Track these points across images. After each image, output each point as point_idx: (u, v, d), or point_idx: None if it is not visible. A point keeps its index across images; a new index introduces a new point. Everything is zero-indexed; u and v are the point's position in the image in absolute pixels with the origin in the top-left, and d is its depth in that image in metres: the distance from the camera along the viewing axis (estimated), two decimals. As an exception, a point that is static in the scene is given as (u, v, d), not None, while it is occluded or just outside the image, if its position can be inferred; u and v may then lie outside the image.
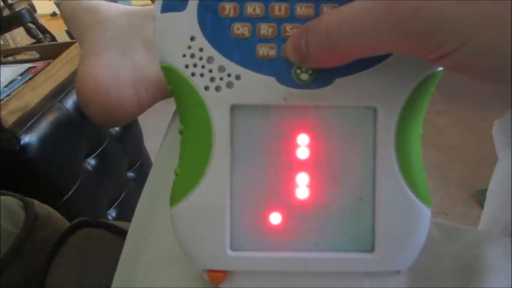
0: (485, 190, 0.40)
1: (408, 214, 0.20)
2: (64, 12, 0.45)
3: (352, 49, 0.17)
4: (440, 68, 0.19)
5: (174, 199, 0.20)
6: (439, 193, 1.22)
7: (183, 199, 0.20)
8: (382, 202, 0.20)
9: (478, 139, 1.36)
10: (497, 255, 0.26)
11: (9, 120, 0.66)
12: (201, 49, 0.19)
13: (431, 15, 0.15)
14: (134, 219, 0.30)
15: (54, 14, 2.42)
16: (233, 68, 0.19)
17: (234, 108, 0.20)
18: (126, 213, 0.86)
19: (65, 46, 0.85)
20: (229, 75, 0.19)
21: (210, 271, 0.21)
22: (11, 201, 0.44)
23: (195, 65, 0.19)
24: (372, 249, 0.21)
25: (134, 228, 0.30)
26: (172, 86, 0.20)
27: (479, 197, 1.17)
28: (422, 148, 0.21)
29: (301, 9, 0.19)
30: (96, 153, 0.81)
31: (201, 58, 0.19)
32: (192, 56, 0.19)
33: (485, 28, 0.15)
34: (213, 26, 0.19)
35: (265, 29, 0.19)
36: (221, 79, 0.19)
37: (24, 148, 0.65)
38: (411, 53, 0.17)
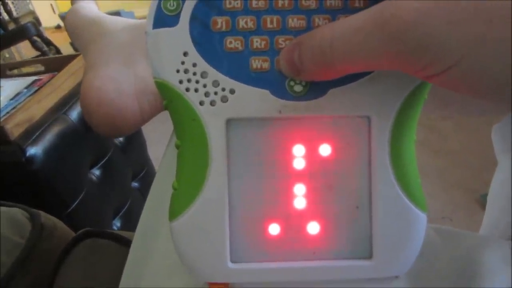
0: (489, 194, 0.40)
1: (404, 220, 0.21)
2: (68, 25, 0.46)
3: (344, 65, 0.17)
4: None
5: (174, 214, 0.21)
6: (442, 197, 1.21)
7: (182, 214, 0.20)
8: (379, 209, 0.20)
9: (481, 143, 1.35)
10: (495, 259, 0.26)
11: (15, 132, 0.67)
12: (194, 64, 0.20)
13: (421, 35, 0.15)
14: (138, 229, 0.31)
15: (58, 27, 2.45)
16: (227, 82, 0.20)
17: (229, 122, 0.20)
18: (131, 223, 0.86)
19: (69, 58, 0.86)
20: (223, 89, 0.20)
21: (212, 284, 0.21)
22: (17, 213, 0.45)
23: (189, 80, 0.20)
24: (370, 256, 0.21)
25: (138, 238, 0.30)
26: (166, 101, 0.20)
27: (483, 202, 1.17)
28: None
29: (293, 21, 0.19)
30: (101, 163, 0.82)
31: (195, 73, 0.20)
32: (186, 71, 0.20)
33: (475, 49, 0.15)
34: (206, 40, 0.19)
35: (257, 42, 0.19)
36: (216, 93, 0.20)
37: (30, 160, 0.66)
38: (402, 70, 0.17)
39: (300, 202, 0.21)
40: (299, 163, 0.20)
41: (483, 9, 0.14)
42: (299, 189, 0.20)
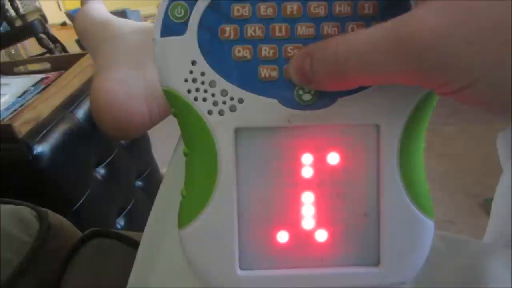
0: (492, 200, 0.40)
1: (412, 227, 0.21)
2: (78, 27, 0.46)
3: (359, 78, 0.17)
4: None
5: (182, 222, 0.21)
6: (445, 202, 1.21)
7: (192, 222, 0.20)
8: (387, 216, 0.20)
9: (485, 148, 1.34)
10: (500, 267, 0.26)
11: (23, 130, 0.68)
12: (202, 74, 0.19)
13: (440, 55, 0.15)
14: (146, 230, 0.31)
15: (64, 24, 2.46)
16: (235, 91, 0.19)
17: (238, 131, 0.20)
18: (135, 222, 0.87)
19: (76, 57, 0.86)
20: (232, 98, 0.20)
21: None
22: (25, 211, 0.45)
23: (197, 90, 0.19)
24: (377, 263, 0.21)
25: (146, 239, 0.31)
26: (175, 109, 0.20)
27: (487, 206, 1.16)
28: (428, 157, 0.21)
29: (302, 29, 0.19)
30: (106, 162, 0.82)
31: (203, 83, 0.19)
32: (194, 80, 0.19)
33: (493, 69, 0.15)
34: (214, 49, 0.19)
35: (266, 50, 0.19)
36: (224, 103, 0.20)
37: (37, 158, 0.66)
38: (420, 86, 0.17)
39: (308, 210, 0.21)
40: (307, 172, 0.20)
41: (500, 29, 0.14)
42: (308, 197, 0.21)
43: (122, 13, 1.98)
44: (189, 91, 0.19)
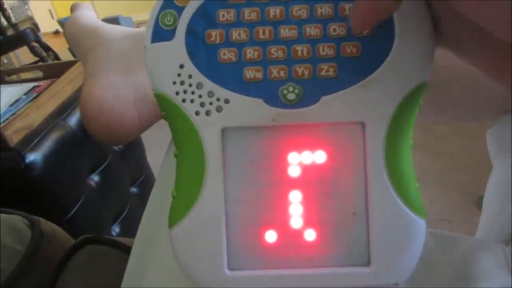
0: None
1: (402, 226, 0.20)
2: (67, 34, 0.46)
3: None
4: (426, 80, 0.20)
5: (172, 222, 0.21)
6: (440, 200, 1.21)
7: (180, 222, 0.21)
8: (375, 215, 0.20)
9: (478, 145, 1.35)
10: (490, 263, 0.26)
11: (15, 139, 0.68)
12: (190, 76, 0.20)
13: None
14: (138, 236, 0.31)
15: (56, 32, 2.46)
16: (221, 92, 0.20)
17: (225, 131, 0.20)
18: (130, 229, 0.86)
19: (68, 65, 0.87)
20: (218, 99, 0.20)
21: None
22: (17, 220, 0.45)
23: (185, 92, 0.20)
24: (368, 263, 0.21)
25: (138, 244, 0.31)
26: (165, 112, 0.21)
27: (481, 204, 1.17)
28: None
29: (285, 31, 0.20)
30: (100, 169, 0.82)
31: (190, 85, 0.20)
32: (182, 83, 0.20)
33: None
34: (201, 53, 0.20)
35: (250, 53, 0.20)
36: (211, 103, 0.20)
37: (29, 166, 0.66)
38: None
39: (296, 209, 0.21)
40: (294, 171, 0.21)
41: None
42: (295, 196, 0.21)
43: (115, 20, 1.98)
44: (177, 93, 0.20)
